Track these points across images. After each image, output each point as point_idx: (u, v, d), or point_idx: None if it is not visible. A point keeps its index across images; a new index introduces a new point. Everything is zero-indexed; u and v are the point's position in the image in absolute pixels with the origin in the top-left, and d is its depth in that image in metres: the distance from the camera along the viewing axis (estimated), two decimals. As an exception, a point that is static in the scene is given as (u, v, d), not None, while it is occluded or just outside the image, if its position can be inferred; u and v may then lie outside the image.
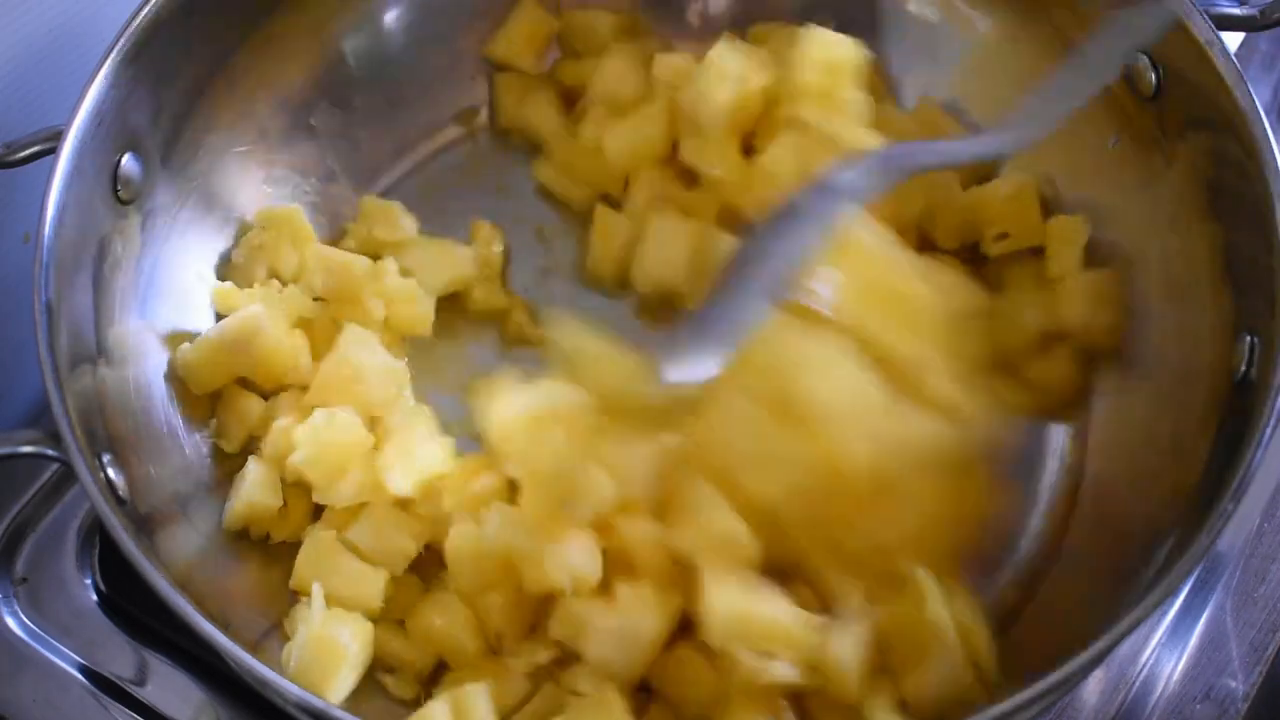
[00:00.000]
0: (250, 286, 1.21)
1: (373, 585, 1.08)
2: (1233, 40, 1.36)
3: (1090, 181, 1.23)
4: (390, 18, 1.33)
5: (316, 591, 1.03)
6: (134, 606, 1.19)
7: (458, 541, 1.07)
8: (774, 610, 1.00)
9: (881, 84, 1.31)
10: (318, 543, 1.09)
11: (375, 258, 1.26)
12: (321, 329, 1.21)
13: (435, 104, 1.38)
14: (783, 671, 0.98)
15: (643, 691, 1.06)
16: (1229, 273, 1.08)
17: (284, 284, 1.23)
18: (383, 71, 1.34)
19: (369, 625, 1.06)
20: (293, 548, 1.12)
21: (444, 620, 1.08)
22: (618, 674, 1.02)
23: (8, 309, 1.21)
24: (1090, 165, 1.23)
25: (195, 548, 1.10)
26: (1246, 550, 1.18)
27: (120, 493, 1.01)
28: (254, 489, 1.11)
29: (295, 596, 1.10)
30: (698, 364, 0.99)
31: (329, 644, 1.02)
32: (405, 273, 1.24)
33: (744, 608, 0.99)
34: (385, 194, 1.34)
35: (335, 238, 1.30)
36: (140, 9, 1.09)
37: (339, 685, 1.02)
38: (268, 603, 1.10)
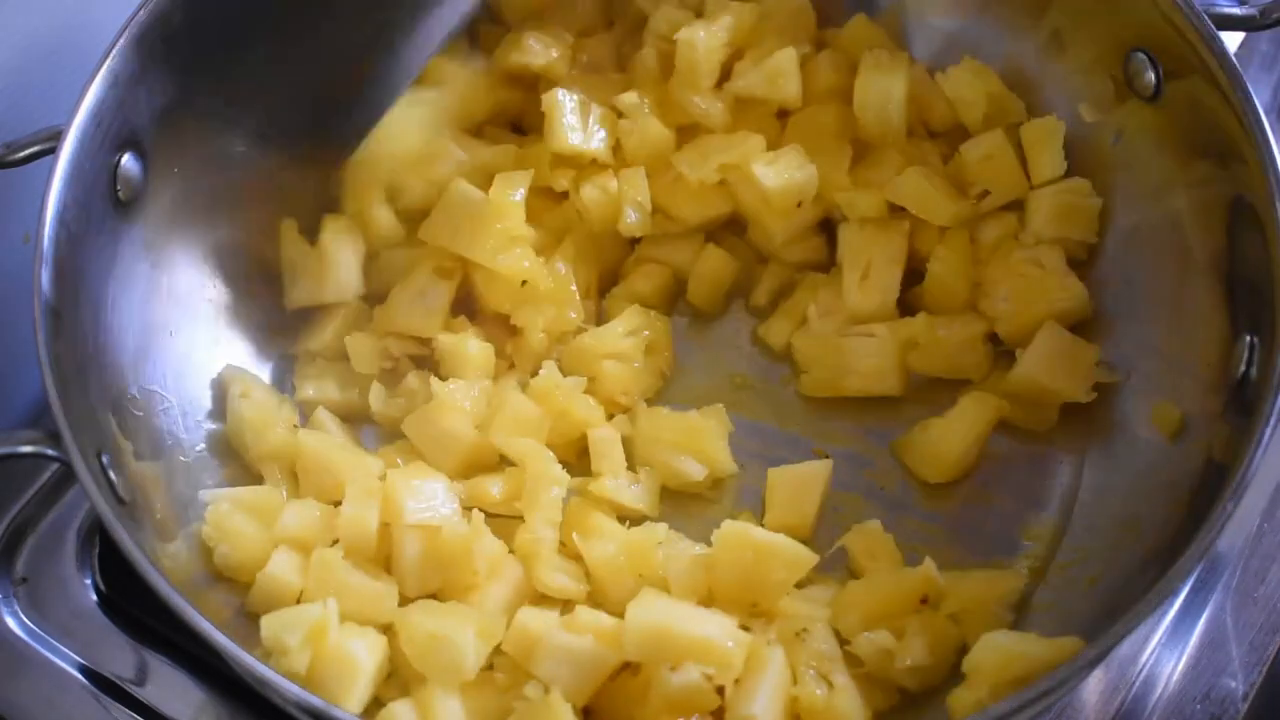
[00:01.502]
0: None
1: (386, 600, 1.07)
2: (1233, 40, 1.37)
3: (1091, 181, 1.23)
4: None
5: (332, 607, 1.02)
6: (134, 606, 1.19)
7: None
8: (696, 625, 1.01)
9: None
10: (323, 562, 1.07)
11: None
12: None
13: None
14: (690, 677, 0.99)
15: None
16: (1228, 272, 1.08)
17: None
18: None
19: (383, 638, 1.04)
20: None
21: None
22: (565, 695, 1.00)
23: (8, 309, 1.21)
24: (1091, 165, 1.23)
25: (195, 548, 1.10)
26: (1246, 550, 1.18)
27: (120, 493, 1.01)
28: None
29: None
30: None
31: (345, 657, 1.01)
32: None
33: (664, 622, 1.01)
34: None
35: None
36: (139, 9, 1.09)
37: (356, 697, 1.01)
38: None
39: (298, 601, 1.07)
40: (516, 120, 1.36)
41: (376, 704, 1.03)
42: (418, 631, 1.03)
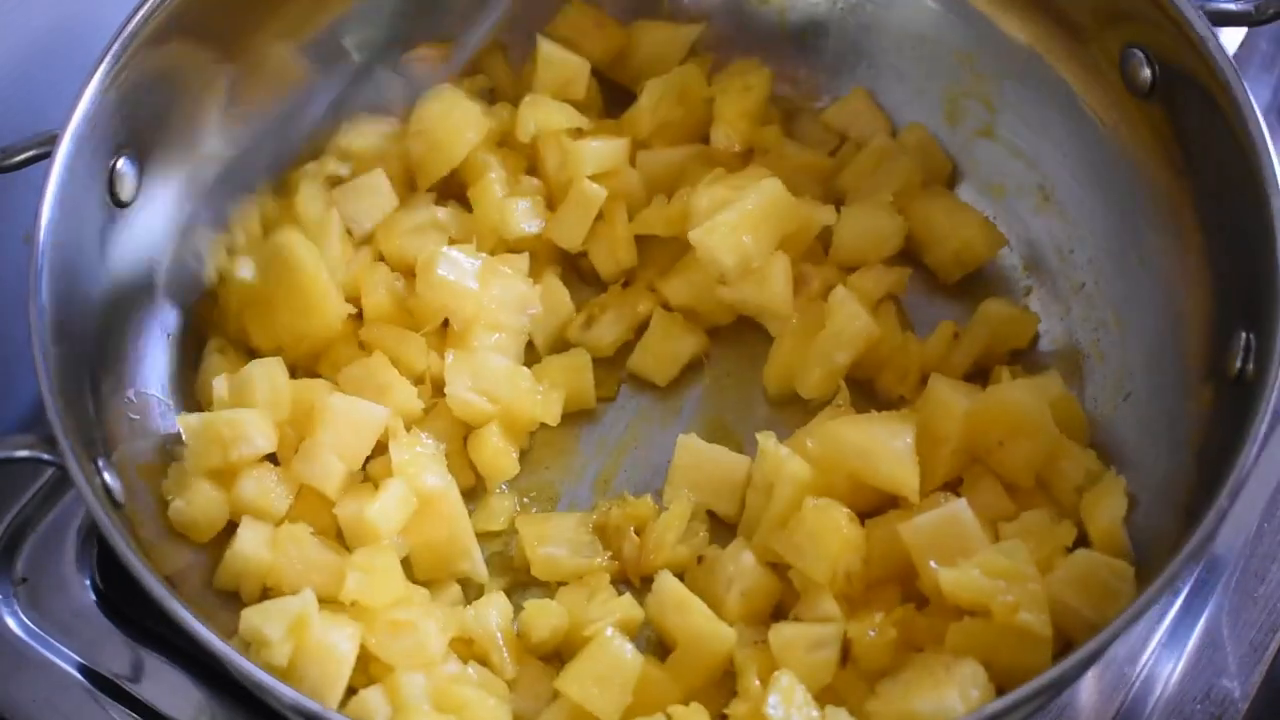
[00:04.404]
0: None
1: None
2: (1233, 40, 1.36)
3: (1087, 180, 1.23)
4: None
5: (310, 598, 1.03)
6: (133, 607, 1.19)
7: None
8: None
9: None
10: (291, 537, 1.09)
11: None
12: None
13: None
14: None
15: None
16: (1226, 269, 1.08)
17: None
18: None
19: (358, 626, 1.05)
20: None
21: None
22: None
23: (6, 311, 1.21)
24: (1088, 164, 1.23)
25: (190, 550, 1.10)
26: (1246, 551, 1.17)
27: (116, 497, 1.02)
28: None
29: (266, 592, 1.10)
30: None
31: (328, 651, 1.02)
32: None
33: None
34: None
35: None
36: (135, 13, 1.09)
37: (338, 689, 1.02)
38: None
39: (266, 577, 1.08)
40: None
41: (348, 691, 1.04)
42: (382, 620, 1.05)
